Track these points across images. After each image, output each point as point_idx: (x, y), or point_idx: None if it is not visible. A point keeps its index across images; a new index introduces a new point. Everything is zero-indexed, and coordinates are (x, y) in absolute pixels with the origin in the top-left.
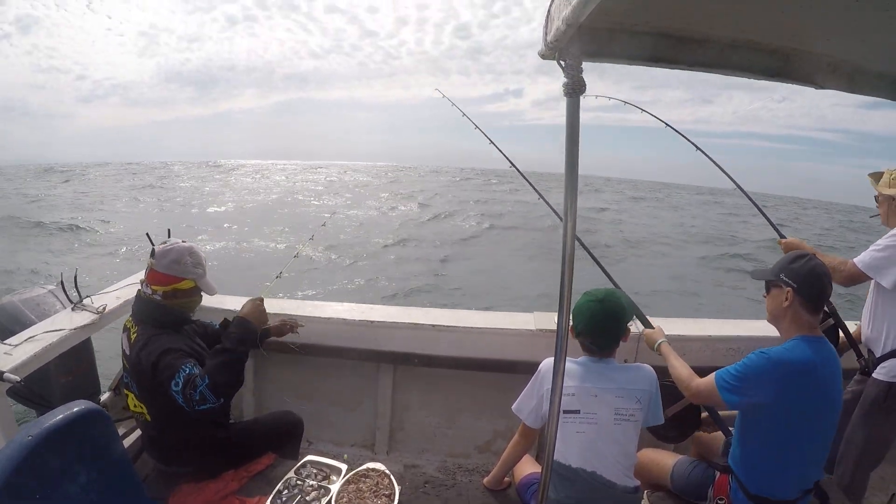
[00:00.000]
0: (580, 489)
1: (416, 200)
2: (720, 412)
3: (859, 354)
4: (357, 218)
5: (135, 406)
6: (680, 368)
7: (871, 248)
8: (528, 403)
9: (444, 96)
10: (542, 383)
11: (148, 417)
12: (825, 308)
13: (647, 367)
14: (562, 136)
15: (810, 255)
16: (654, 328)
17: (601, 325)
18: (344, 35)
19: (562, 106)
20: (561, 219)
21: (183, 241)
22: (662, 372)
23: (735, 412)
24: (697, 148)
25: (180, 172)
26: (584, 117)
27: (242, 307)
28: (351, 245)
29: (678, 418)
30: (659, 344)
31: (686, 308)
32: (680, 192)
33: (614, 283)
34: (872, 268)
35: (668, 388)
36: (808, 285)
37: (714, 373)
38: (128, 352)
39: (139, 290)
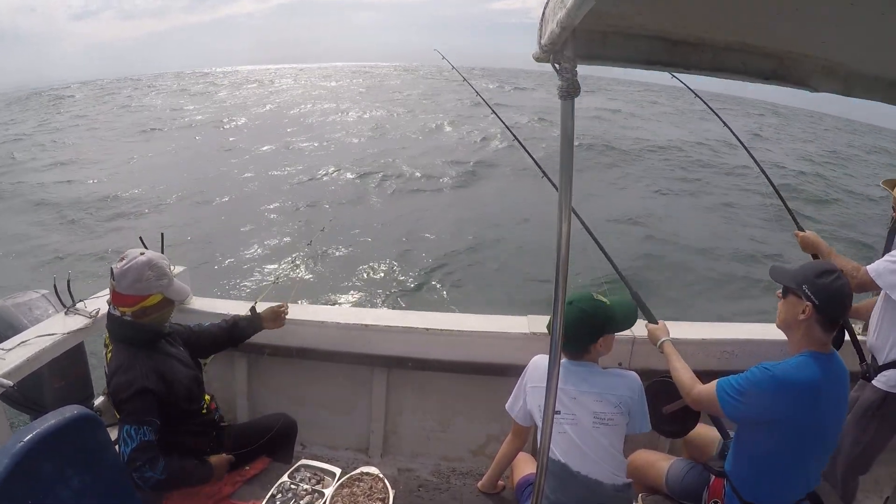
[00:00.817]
0: (571, 487)
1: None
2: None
3: (862, 359)
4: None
5: None
6: (682, 371)
7: (886, 257)
8: (516, 401)
9: (443, 58)
10: (527, 380)
11: None
12: None
13: (632, 374)
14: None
15: (838, 272)
16: (658, 324)
17: (567, 329)
18: None
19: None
20: (556, 188)
21: (140, 254)
22: (660, 374)
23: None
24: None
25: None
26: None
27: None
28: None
29: (676, 416)
30: (662, 342)
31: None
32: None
33: (619, 274)
34: (884, 279)
35: (668, 384)
36: (830, 306)
37: (716, 381)
38: (106, 368)
39: (109, 309)
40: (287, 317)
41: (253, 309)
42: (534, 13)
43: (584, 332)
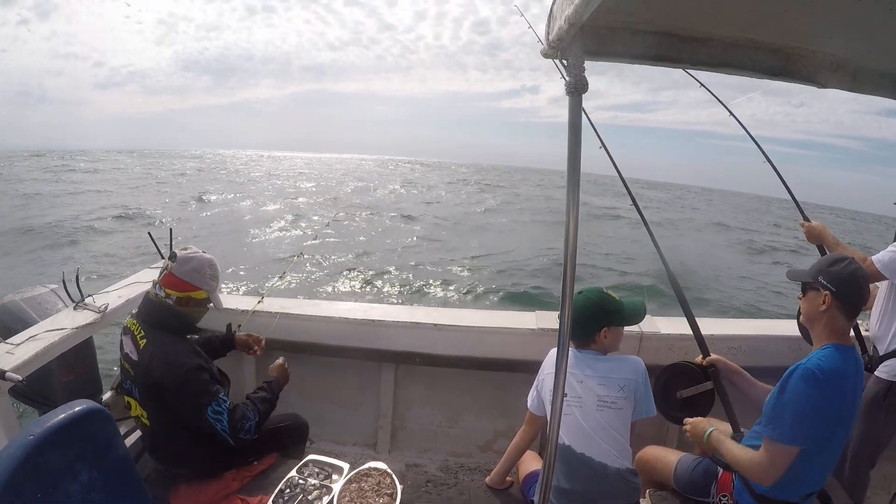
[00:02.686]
0: (576, 469)
1: None
2: (733, 404)
3: (864, 350)
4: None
5: (134, 410)
6: (737, 452)
7: (890, 248)
8: (532, 390)
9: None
10: (543, 367)
11: (147, 423)
12: None
13: (635, 357)
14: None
15: (850, 259)
16: (705, 421)
17: (574, 317)
18: (362, 28)
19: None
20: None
21: (204, 252)
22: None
23: (746, 404)
24: (763, 152)
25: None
26: (604, 116)
27: (271, 370)
28: None
29: (689, 402)
30: (709, 434)
31: None
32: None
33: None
34: (890, 269)
35: (683, 368)
36: (847, 290)
37: (765, 437)
38: (133, 356)
39: (149, 292)
40: (295, 312)
41: (229, 327)
42: (543, 112)
43: (588, 319)
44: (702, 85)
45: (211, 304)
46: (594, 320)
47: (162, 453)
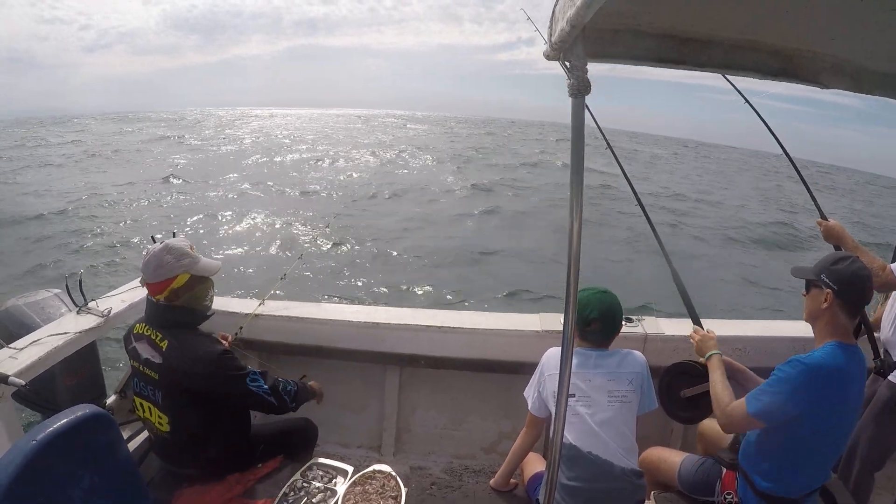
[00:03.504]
0: (582, 468)
1: None
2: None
3: (876, 354)
4: None
5: (150, 415)
6: (720, 387)
7: None
8: (531, 391)
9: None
10: (544, 369)
11: (166, 428)
12: None
13: (636, 352)
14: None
15: (853, 257)
16: (705, 331)
17: (609, 314)
18: None
19: None
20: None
21: (155, 243)
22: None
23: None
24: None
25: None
26: (602, 69)
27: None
28: None
29: (693, 401)
30: (711, 355)
31: None
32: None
33: (672, 270)
34: None
35: (688, 367)
36: (849, 290)
37: (744, 400)
38: (157, 360)
39: (148, 298)
40: (299, 315)
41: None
42: (538, 64)
43: (618, 318)
44: (731, 83)
45: (209, 276)
46: (621, 318)
47: (172, 453)
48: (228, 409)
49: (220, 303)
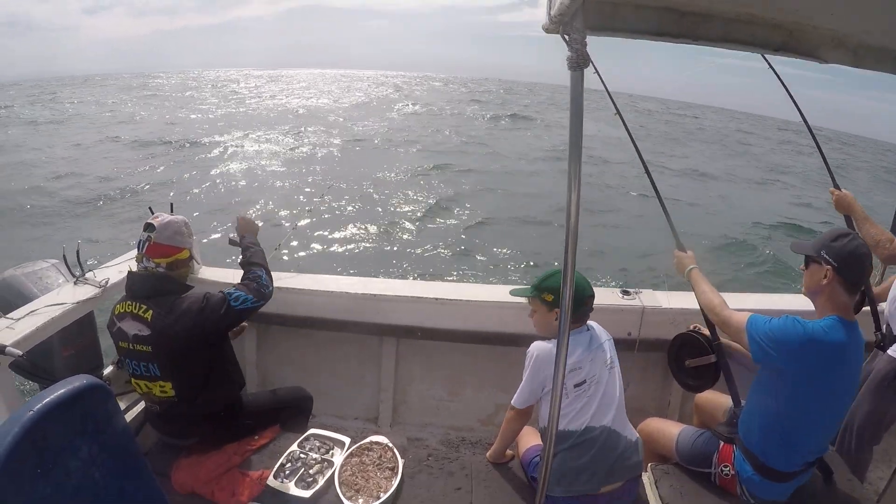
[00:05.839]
0: (588, 449)
1: None
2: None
3: (878, 328)
4: None
5: (151, 390)
6: (710, 294)
7: None
8: (530, 395)
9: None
10: (541, 370)
11: (172, 393)
12: None
13: (595, 323)
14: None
15: (853, 234)
16: (686, 252)
17: (583, 296)
18: None
19: None
20: None
21: (174, 214)
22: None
23: (749, 380)
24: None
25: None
26: None
27: (238, 225)
28: None
29: (698, 371)
30: (690, 270)
31: None
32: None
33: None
34: None
35: (694, 338)
36: (848, 267)
37: (749, 314)
38: (145, 332)
39: (132, 271)
40: (296, 286)
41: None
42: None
43: (590, 295)
44: (772, 63)
45: (193, 261)
46: (587, 297)
47: (172, 423)
48: (225, 353)
49: (214, 273)
